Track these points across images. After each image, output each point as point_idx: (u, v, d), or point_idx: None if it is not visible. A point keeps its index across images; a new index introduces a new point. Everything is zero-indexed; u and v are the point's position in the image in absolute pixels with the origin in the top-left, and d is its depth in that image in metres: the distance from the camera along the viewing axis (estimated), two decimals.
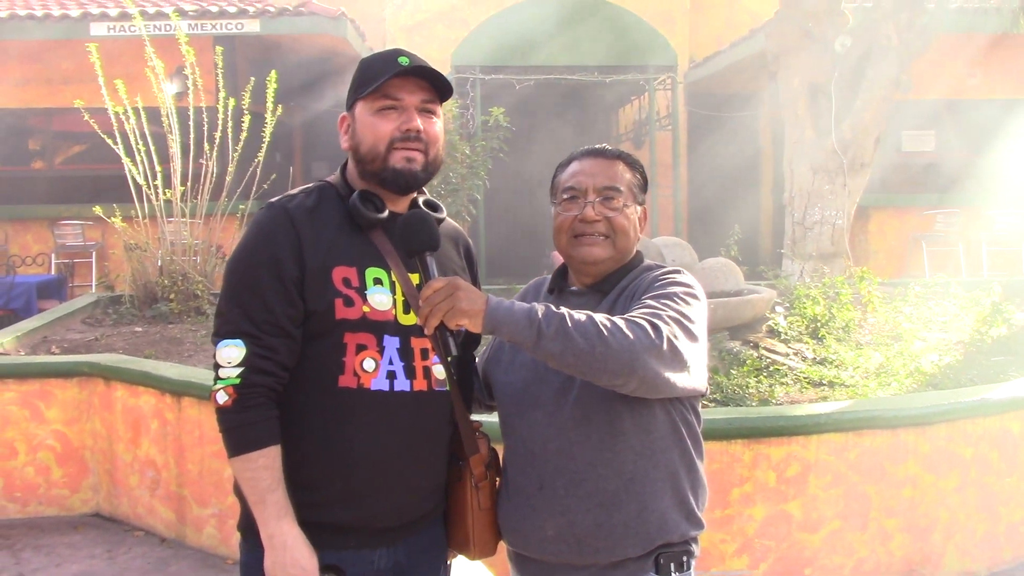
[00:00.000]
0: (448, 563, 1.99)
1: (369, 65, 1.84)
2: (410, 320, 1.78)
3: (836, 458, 3.69)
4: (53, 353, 5.76)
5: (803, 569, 3.68)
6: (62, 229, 10.37)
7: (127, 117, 6.97)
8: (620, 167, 1.91)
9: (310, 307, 1.74)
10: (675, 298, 1.75)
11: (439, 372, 1.82)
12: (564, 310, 1.62)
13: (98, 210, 7.47)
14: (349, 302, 1.74)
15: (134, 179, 7.16)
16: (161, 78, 7.24)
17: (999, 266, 10.65)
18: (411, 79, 1.81)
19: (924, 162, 12.01)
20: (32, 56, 10.66)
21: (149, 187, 7.14)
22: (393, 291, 1.79)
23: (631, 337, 1.59)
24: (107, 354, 5.41)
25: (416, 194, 1.91)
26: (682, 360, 1.66)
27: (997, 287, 6.38)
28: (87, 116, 7.13)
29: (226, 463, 1.76)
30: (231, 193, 7.48)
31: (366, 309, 1.75)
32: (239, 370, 1.70)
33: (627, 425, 1.77)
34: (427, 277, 1.70)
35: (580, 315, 1.62)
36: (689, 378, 1.69)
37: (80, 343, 6.09)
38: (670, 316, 1.69)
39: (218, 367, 1.72)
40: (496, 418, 1.95)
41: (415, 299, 1.76)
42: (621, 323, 1.62)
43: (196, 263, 7.30)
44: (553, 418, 1.80)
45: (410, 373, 1.78)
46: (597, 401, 1.76)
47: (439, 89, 1.85)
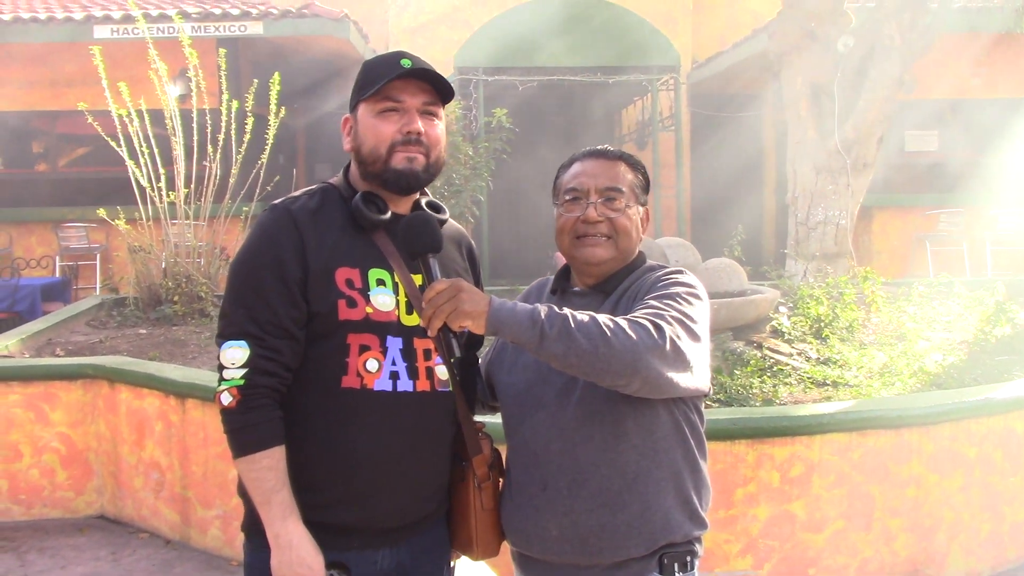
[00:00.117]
0: (451, 564, 2.00)
1: (371, 67, 1.84)
2: (413, 321, 1.79)
3: (840, 458, 3.68)
4: (57, 355, 5.77)
5: (807, 569, 3.67)
6: (66, 232, 10.41)
7: (131, 120, 6.99)
8: (622, 168, 1.92)
9: (313, 308, 1.75)
10: (678, 298, 1.75)
11: (442, 373, 1.83)
12: (567, 311, 1.62)
13: (102, 212, 7.49)
14: (352, 303, 1.75)
15: (138, 181, 7.17)
16: (164, 80, 7.25)
17: (1003, 265, 10.63)
18: (413, 81, 1.81)
19: (927, 162, 11.99)
20: (36, 59, 10.69)
21: (153, 189, 7.16)
22: (396, 292, 1.79)
23: (634, 337, 1.60)
24: (111, 356, 5.42)
25: (419, 195, 1.92)
26: (685, 360, 1.66)
27: (1001, 286, 6.37)
28: (91, 119, 7.16)
29: (230, 465, 1.77)
30: (235, 195, 7.49)
31: (369, 310, 1.76)
32: (243, 371, 1.71)
33: (630, 425, 1.77)
34: (430, 279, 1.71)
35: (583, 316, 1.62)
36: (692, 378, 1.69)
37: (84, 345, 6.10)
38: (673, 316, 1.69)
39: (222, 368, 1.73)
40: (499, 419, 1.96)
41: (418, 300, 1.76)
42: (624, 324, 1.62)
43: (200, 265, 7.30)
44: (556, 419, 1.80)
45: (413, 374, 1.79)
46: (600, 401, 1.76)
47: (441, 91, 1.85)
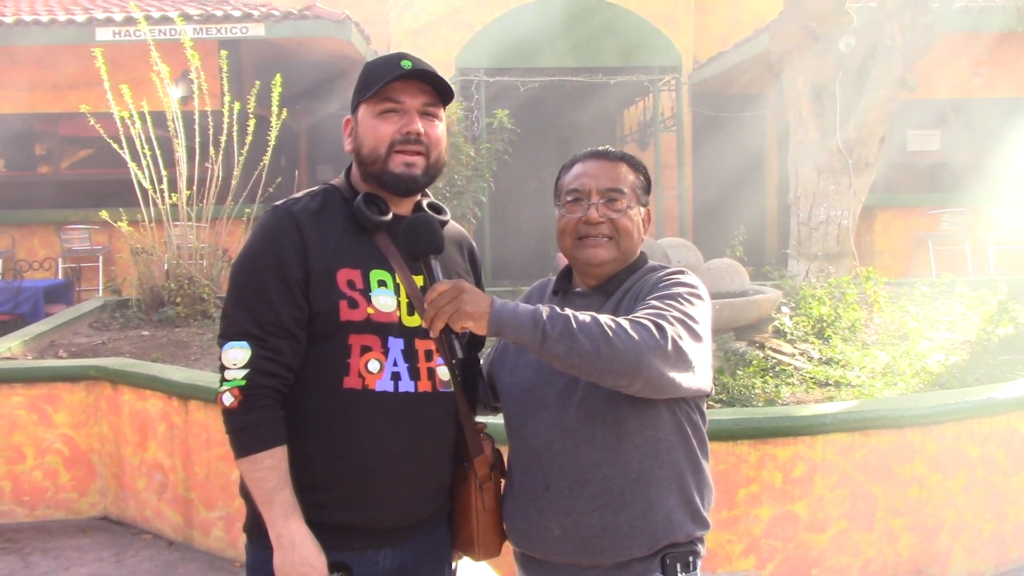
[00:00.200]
0: (453, 564, 2.00)
1: (372, 69, 1.85)
2: (414, 322, 1.79)
3: (842, 458, 3.68)
4: (60, 357, 5.77)
5: (810, 569, 3.67)
6: (69, 234, 10.43)
7: (133, 122, 7.00)
8: (623, 169, 1.92)
9: (315, 309, 1.75)
10: (679, 298, 1.75)
11: (443, 373, 1.83)
12: (569, 311, 1.62)
13: (104, 214, 7.51)
14: (353, 304, 1.75)
15: (140, 183, 7.19)
16: (166, 82, 7.26)
17: (1006, 265, 10.61)
18: (413, 82, 1.81)
19: (929, 161, 11.98)
20: (38, 61, 10.71)
21: (155, 191, 7.17)
22: (397, 293, 1.80)
23: (636, 338, 1.60)
24: (114, 358, 5.43)
25: (420, 196, 1.92)
26: (687, 360, 1.66)
27: (1003, 286, 6.36)
28: (93, 121, 7.17)
29: (233, 466, 1.77)
30: (237, 197, 7.50)
31: (370, 311, 1.76)
32: (244, 372, 1.71)
33: (632, 425, 1.77)
34: (432, 280, 1.71)
35: (585, 316, 1.62)
36: (694, 378, 1.69)
37: (87, 347, 6.11)
38: (674, 316, 1.69)
39: (224, 369, 1.73)
40: (501, 420, 1.96)
41: (419, 301, 1.77)
42: (626, 324, 1.62)
43: (202, 267, 7.31)
44: (558, 419, 1.80)
45: (414, 374, 1.79)
46: (602, 402, 1.76)
47: (441, 93, 1.86)
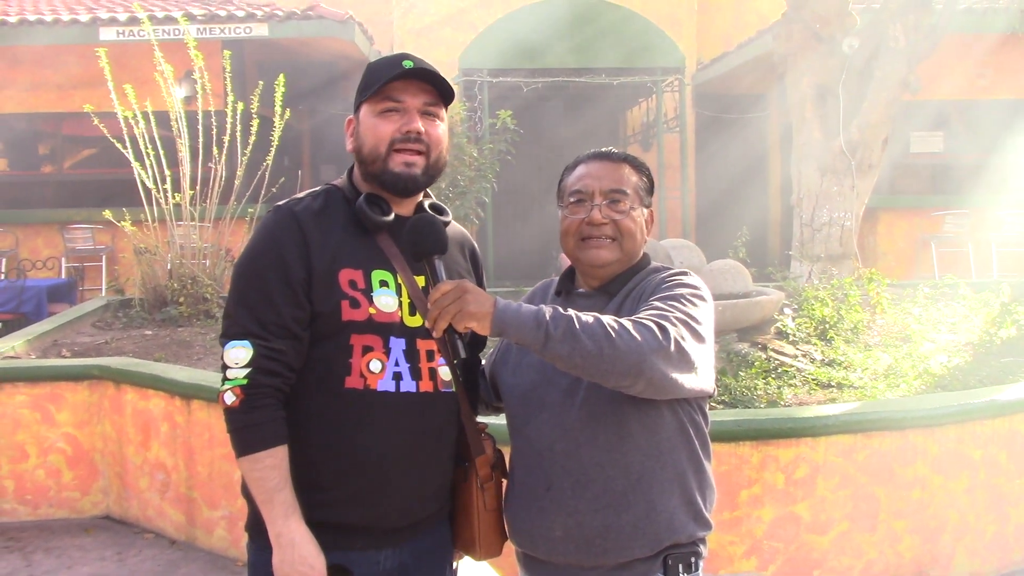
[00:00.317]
0: (454, 564, 2.00)
1: (374, 68, 1.85)
2: (416, 322, 1.79)
3: (845, 460, 3.68)
4: (63, 356, 5.78)
5: (812, 571, 3.67)
6: (72, 233, 10.45)
7: (136, 121, 7.01)
8: (626, 170, 1.92)
9: (317, 309, 1.75)
10: (682, 299, 1.75)
11: (445, 373, 1.83)
12: (572, 312, 1.62)
13: (108, 214, 7.52)
14: (355, 304, 1.75)
15: (143, 183, 7.20)
16: (170, 82, 7.27)
17: (1009, 267, 10.60)
18: (414, 82, 1.82)
19: (933, 163, 11.97)
20: (42, 61, 10.73)
21: (158, 191, 7.18)
22: (399, 293, 1.80)
23: (638, 339, 1.60)
24: (117, 357, 5.43)
25: (422, 197, 1.92)
26: (689, 361, 1.66)
27: (1006, 288, 6.36)
28: (96, 120, 7.18)
29: (235, 465, 1.77)
30: (240, 197, 7.51)
31: (372, 311, 1.76)
32: (246, 371, 1.71)
33: (634, 426, 1.77)
34: (435, 280, 1.71)
35: (588, 317, 1.62)
36: (696, 379, 1.69)
37: (90, 346, 6.12)
38: (677, 317, 1.69)
39: (226, 368, 1.74)
40: (503, 420, 1.96)
41: (421, 302, 1.77)
42: (628, 325, 1.62)
43: (205, 266, 7.32)
44: (560, 419, 1.80)
45: (416, 374, 1.79)
46: (604, 402, 1.76)
47: (442, 92, 1.86)
